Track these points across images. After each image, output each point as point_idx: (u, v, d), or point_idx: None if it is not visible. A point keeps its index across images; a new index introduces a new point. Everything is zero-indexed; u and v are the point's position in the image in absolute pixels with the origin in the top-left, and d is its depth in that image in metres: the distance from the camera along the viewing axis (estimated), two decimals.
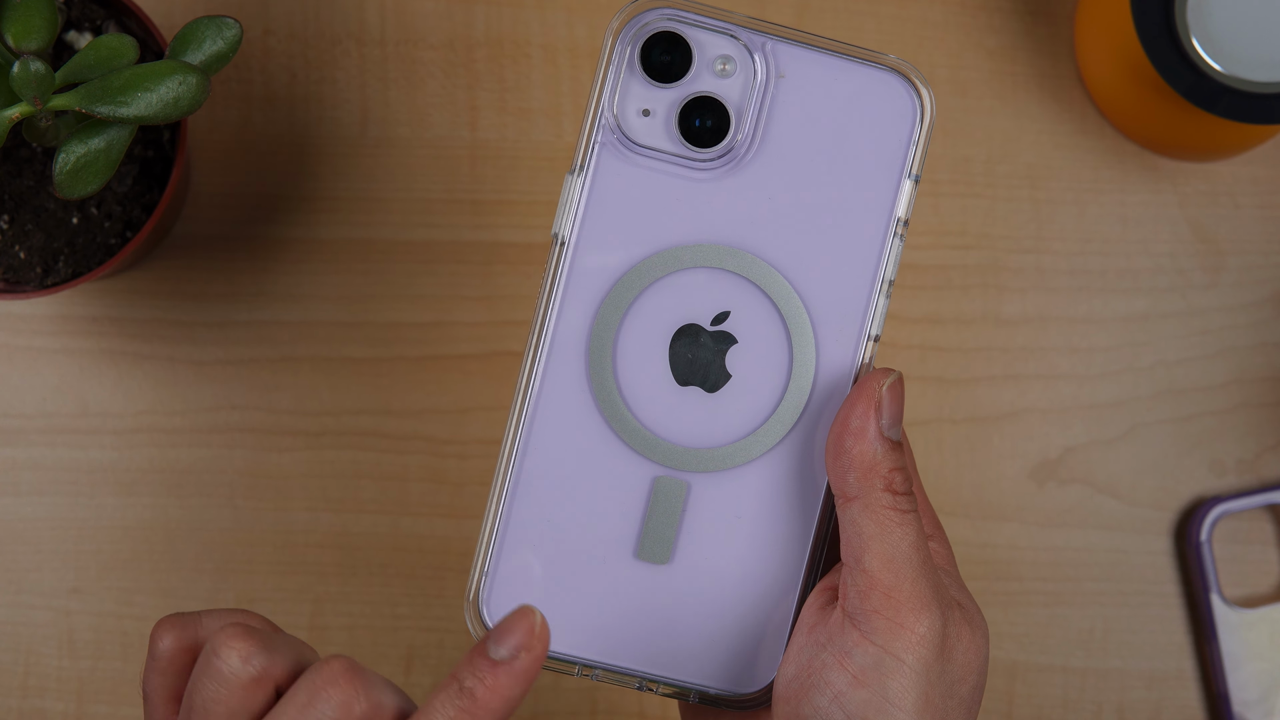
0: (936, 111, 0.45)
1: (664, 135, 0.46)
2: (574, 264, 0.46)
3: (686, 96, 0.46)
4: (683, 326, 0.46)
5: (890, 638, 0.43)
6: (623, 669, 0.47)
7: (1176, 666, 0.67)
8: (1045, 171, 0.67)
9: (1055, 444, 0.67)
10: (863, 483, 0.44)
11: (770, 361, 0.46)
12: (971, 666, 0.45)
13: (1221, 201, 0.67)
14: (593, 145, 0.46)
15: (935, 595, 0.44)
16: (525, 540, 0.46)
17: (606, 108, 0.45)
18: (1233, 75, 0.59)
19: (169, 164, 0.60)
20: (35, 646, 0.66)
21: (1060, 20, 0.67)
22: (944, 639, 0.44)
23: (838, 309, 0.46)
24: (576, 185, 0.46)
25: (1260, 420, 0.67)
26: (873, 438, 0.44)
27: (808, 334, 0.46)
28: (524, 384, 0.46)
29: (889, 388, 0.45)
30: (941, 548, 0.48)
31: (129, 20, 0.60)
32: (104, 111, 0.52)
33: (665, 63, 0.45)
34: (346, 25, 0.66)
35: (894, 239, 0.46)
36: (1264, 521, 0.67)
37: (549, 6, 0.66)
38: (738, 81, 0.46)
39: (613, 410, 0.46)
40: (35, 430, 0.66)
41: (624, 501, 0.46)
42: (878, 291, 0.46)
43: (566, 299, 0.46)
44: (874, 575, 0.44)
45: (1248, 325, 0.67)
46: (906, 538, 0.44)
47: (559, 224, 0.46)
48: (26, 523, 0.66)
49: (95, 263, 0.60)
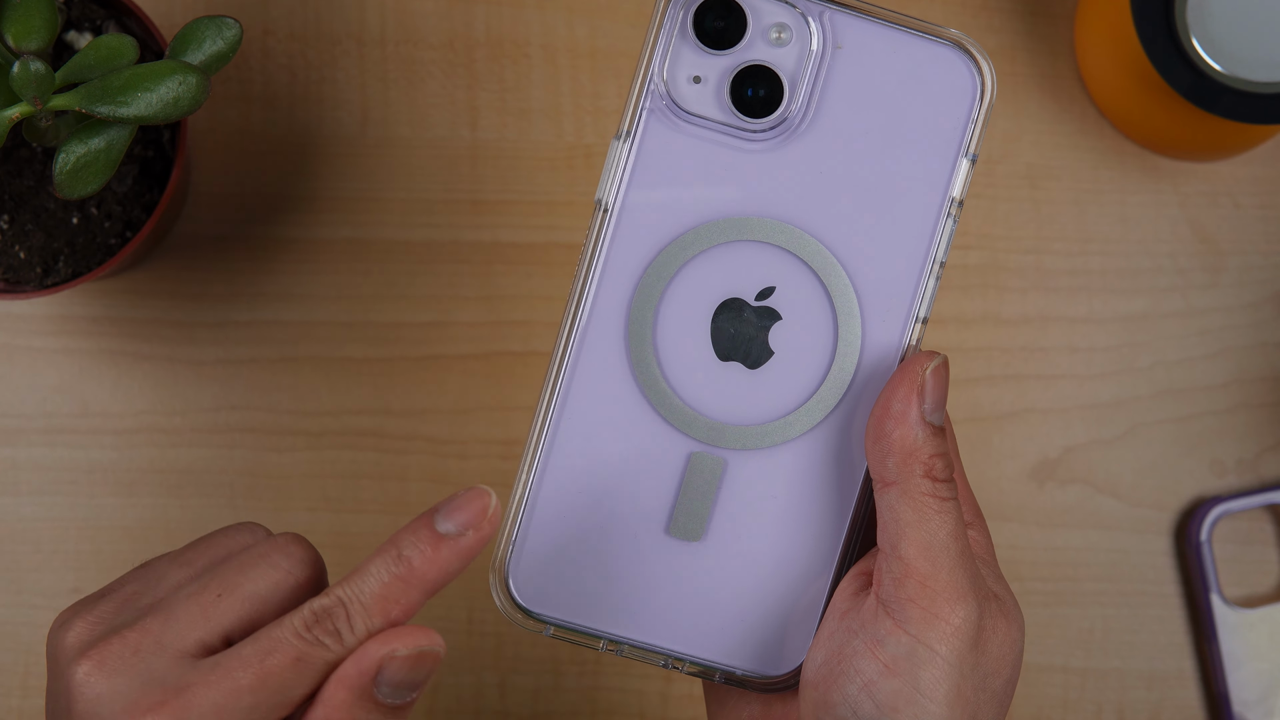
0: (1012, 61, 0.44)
1: (714, 104, 0.44)
2: (617, 231, 0.45)
3: (739, 64, 0.44)
4: (726, 300, 0.45)
5: (924, 627, 0.42)
6: (649, 645, 0.46)
7: (1176, 666, 0.67)
8: (1045, 171, 0.67)
9: (1055, 444, 0.67)
10: (902, 468, 0.43)
11: (814, 340, 0.45)
12: (1006, 660, 0.44)
13: (1222, 201, 0.67)
14: (641, 111, 0.44)
15: (972, 585, 0.43)
16: (555, 511, 0.45)
17: (656, 73, 0.44)
18: (1233, 75, 0.59)
19: (169, 164, 0.60)
20: (35, 646, 0.66)
21: (1060, 20, 0.67)
22: (979, 630, 0.43)
23: (886, 289, 0.45)
24: (623, 151, 0.44)
25: (1260, 420, 0.67)
26: (914, 422, 0.43)
27: (854, 313, 0.45)
28: (560, 351, 0.45)
29: (933, 371, 0.44)
30: (981, 536, 0.47)
31: (129, 20, 0.60)
32: (104, 111, 0.52)
33: (719, 28, 0.44)
34: (346, 25, 0.66)
35: (947, 219, 0.45)
36: (1264, 521, 0.67)
37: (549, 6, 0.66)
38: (793, 51, 0.44)
39: (651, 383, 0.45)
40: (35, 430, 0.66)
41: (658, 476, 0.45)
42: (928, 273, 0.45)
43: (608, 267, 0.45)
44: (910, 563, 0.43)
45: (1248, 325, 0.67)
46: (945, 526, 0.43)
47: (603, 189, 0.44)
48: (26, 523, 0.66)
49: (95, 263, 0.60)
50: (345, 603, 0.42)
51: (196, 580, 0.43)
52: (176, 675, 0.41)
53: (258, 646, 0.41)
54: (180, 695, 0.41)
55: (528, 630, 0.46)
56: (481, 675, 0.66)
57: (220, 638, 0.42)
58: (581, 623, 0.46)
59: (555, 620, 0.46)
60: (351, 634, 0.41)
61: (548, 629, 0.46)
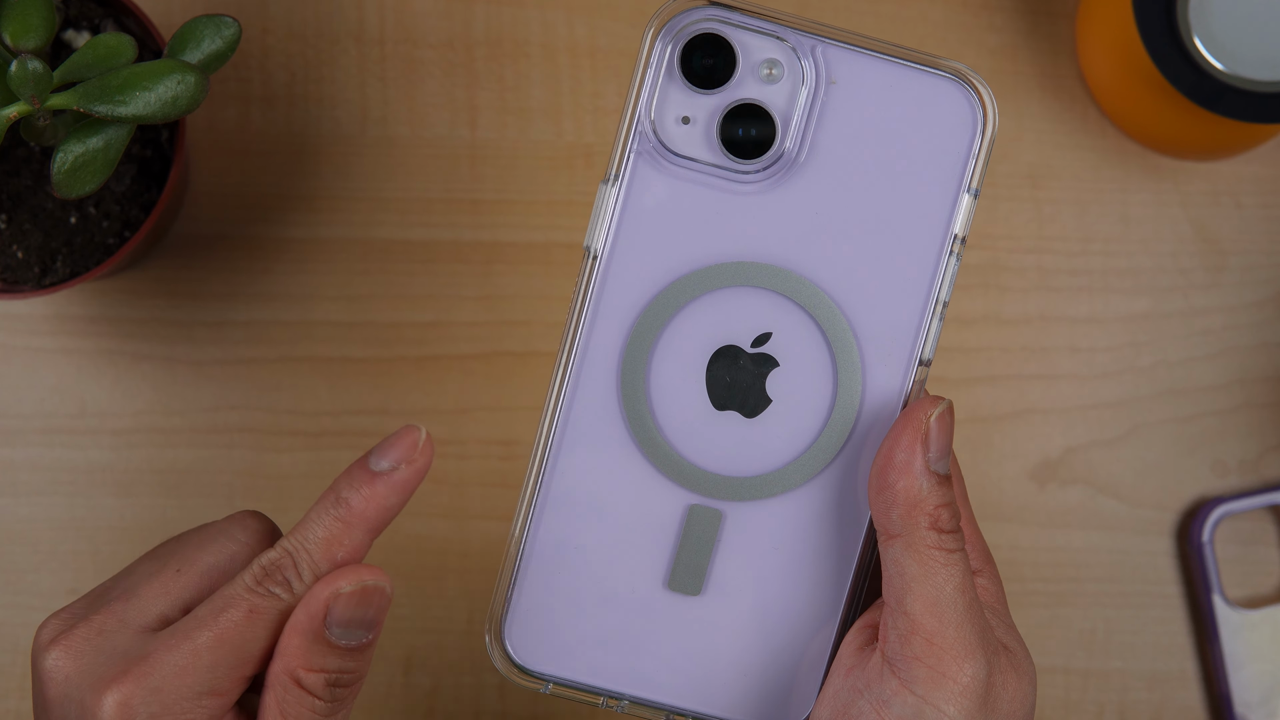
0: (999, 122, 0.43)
1: (704, 145, 0.43)
2: (607, 279, 0.43)
3: (729, 103, 0.43)
4: (721, 348, 0.44)
5: (931, 687, 0.41)
6: (649, 701, 0.45)
7: (1178, 667, 0.67)
8: (1046, 171, 0.67)
9: (1056, 444, 0.67)
10: (907, 520, 0.42)
11: (813, 386, 0.44)
12: (1016, 716, 0.43)
13: (1223, 201, 0.67)
14: (628, 154, 0.43)
15: (980, 641, 0.42)
16: (551, 567, 0.44)
17: (644, 114, 0.43)
18: (1235, 74, 0.59)
19: (167, 163, 0.60)
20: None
21: (1061, 19, 0.67)
22: (988, 688, 0.42)
23: (887, 331, 0.43)
24: (610, 195, 0.43)
25: (1262, 420, 0.67)
26: (919, 472, 0.42)
27: (854, 357, 0.44)
28: (552, 402, 0.44)
29: (938, 418, 0.42)
30: (990, 584, 0.46)
31: (127, 19, 0.60)
32: (102, 110, 0.52)
33: (707, 67, 0.43)
34: (346, 24, 0.66)
35: (950, 257, 0.43)
36: (1266, 522, 0.67)
37: (549, 6, 0.66)
38: (785, 87, 0.43)
39: (645, 434, 0.44)
40: (33, 430, 0.66)
41: (656, 530, 0.44)
42: (930, 313, 0.43)
43: (599, 315, 0.44)
44: (916, 619, 0.41)
45: (1250, 325, 0.67)
46: (952, 580, 0.42)
47: (591, 236, 0.43)
48: (24, 523, 0.66)
49: (93, 262, 0.59)
50: (291, 552, 0.43)
51: (156, 560, 0.45)
52: (138, 646, 0.43)
53: (212, 607, 0.43)
54: (142, 663, 0.42)
55: (525, 689, 0.45)
56: (481, 676, 0.65)
57: (180, 610, 0.44)
58: (580, 679, 0.45)
59: (553, 677, 0.45)
60: (300, 581, 0.43)
61: (546, 686, 0.45)
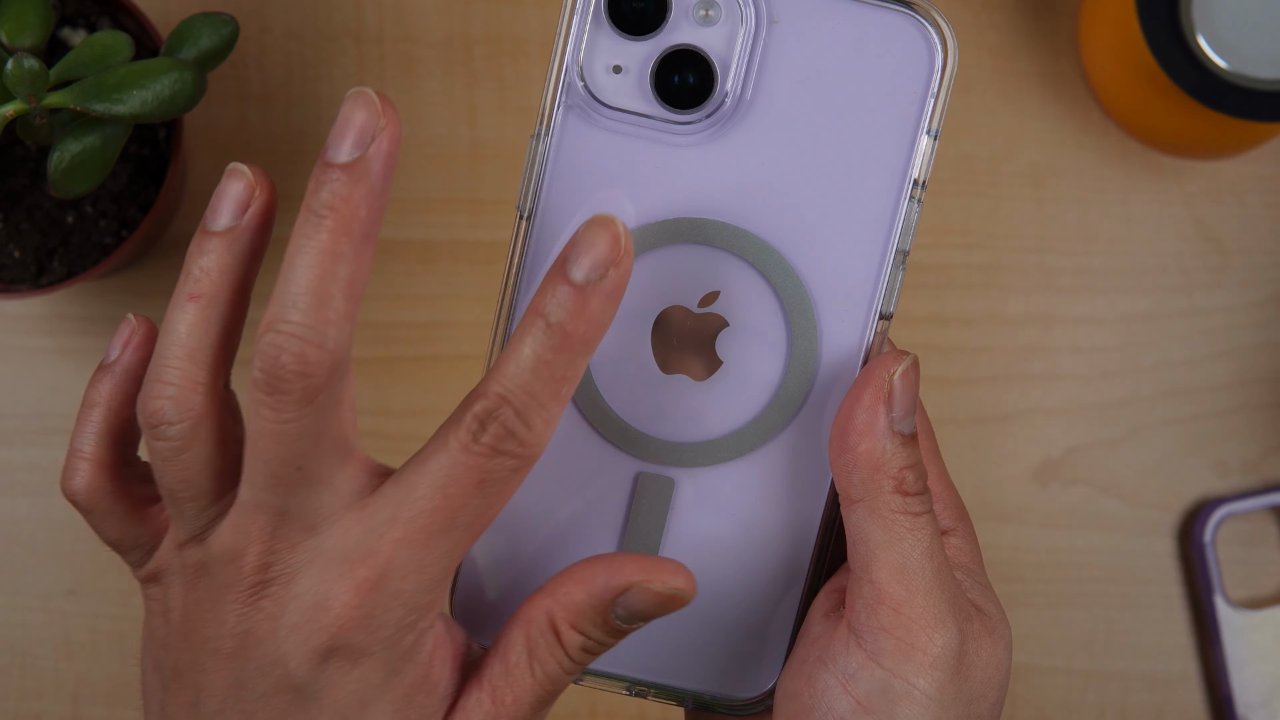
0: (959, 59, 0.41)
1: (638, 94, 0.40)
2: (539, 241, 0.40)
3: (663, 49, 0.40)
4: (666, 309, 0.41)
5: (900, 660, 0.39)
6: (608, 673, 0.43)
7: (1180, 668, 0.66)
8: (1048, 170, 0.67)
9: (1058, 444, 0.66)
10: (869, 484, 0.40)
11: (766, 346, 0.41)
12: (992, 681, 0.41)
13: (1226, 200, 0.67)
14: (556, 106, 0.40)
15: (951, 607, 0.40)
16: (503, 543, 0.42)
17: (570, 64, 0.40)
18: (1238, 73, 0.59)
19: (165, 162, 0.60)
20: (31, 648, 0.65)
21: (1064, 17, 0.67)
22: (960, 656, 0.40)
23: (843, 285, 0.41)
24: (540, 152, 0.40)
25: (1265, 421, 0.67)
26: (881, 433, 0.39)
27: (808, 314, 0.41)
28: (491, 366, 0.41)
29: (901, 375, 0.40)
30: (964, 543, 0.43)
31: (124, 17, 0.60)
32: (99, 109, 0.52)
33: (637, 10, 0.40)
34: (344, 22, 0.66)
35: (909, 203, 0.40)
36: (1268, 523, 0.67)
37: (548, 4, 0.66)
38: (723, 30, 0.40)
39: (589, 402, 0.41)
40: (31, 431, 0.65)
41: (605, 500, 0.42)
42: (889, 263, 0.41)
43: (532, 281, 0.41)
44: (882, 588, 0.39)
45: (1252, 325, 0.67)
46: (919, 545, 0.39)
47: (522, 196, 0.40)
48: (22, 524, 0.65)
49: (90, 262, 0.59)
50: (507, 396, 0.36)
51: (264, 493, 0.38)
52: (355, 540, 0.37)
53: (429, 480, 0.37)
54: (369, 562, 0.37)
55: None
56: None
57: None
58: None
59: None
60: (528, 429, 0.36)
61: None
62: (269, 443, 0.37)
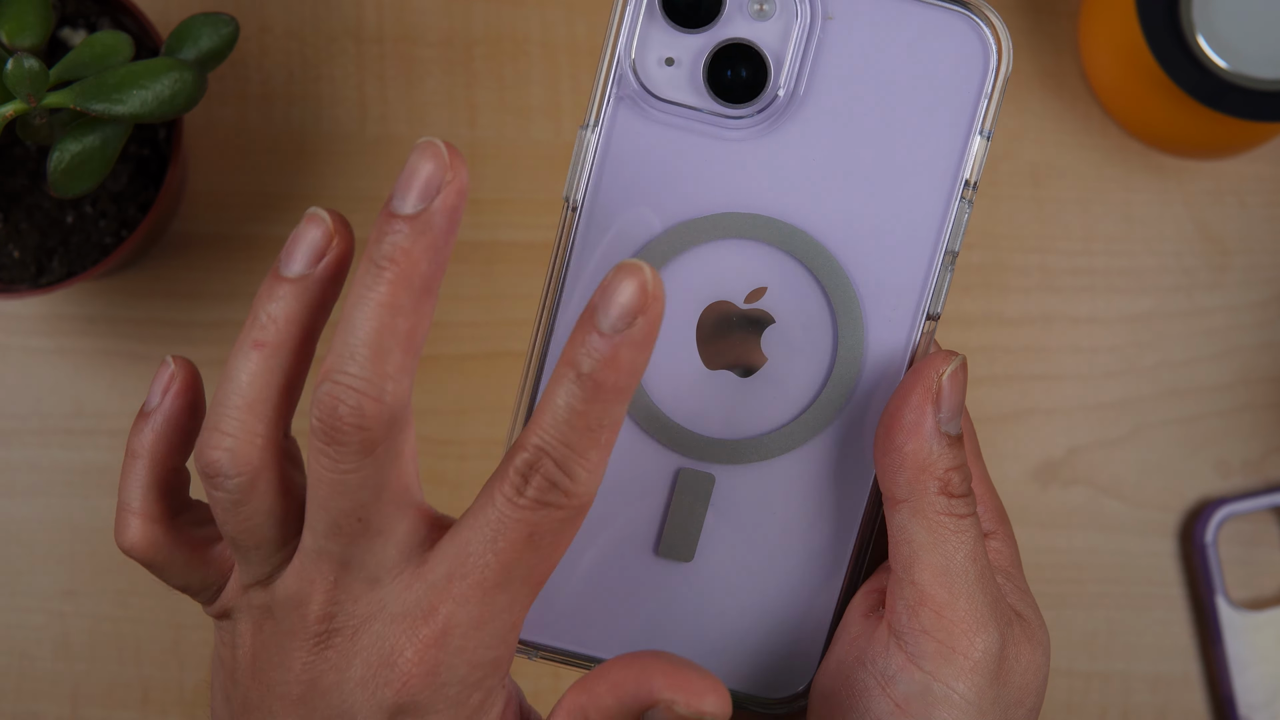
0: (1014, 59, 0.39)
1: (690, 88, 0.40)
2: (587, 232, 0.40)
3: (717, 43, 0.40)
4: (712, 304, 0.41)
5: (940, 663, 0.39)
6: None
7: (1182, 669, 0.66)
8: (1049, 170, 0.67)
9: (1059, 444, 0.66)
10: (915, 484, 0.39)
11: (812, 344, 0.41)
12: (1030, 688, 0.41)
13: (1227, 200, 0.67)
14: (608, 98, 0.40)
15: (993, 611, 0.40)
16: None
17: (623, 56, 0.40)
18: (1238, 72, 0.59)
19: (165, 162, 0.60)
20: (29, 649, 0.65)
21: (1064, 17, 0.67)
22: (1000, 661, 0.40)
23: (891, 284, 0.41)
24: (590, 142, 0.40)
25: (1266, 421, 0.67)
26: (928, 434, 0.39)
27: (855, 312, 0.41)
28: (533, 364, 0.41)
29: (950, 376, 0.39)
30: (1004, 546, 0.43)
31: (124, 17, 0.60)
32: (99, 109, 0.52)
33: (691, 4, 0.40)
34: (344, 22, 0.66)
35: (960, 203, 0.40)
36: (1270, 523, 0.67)
37: (548, 4, 0.66)
38: (777, 24, 0.40)
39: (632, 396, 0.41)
40: (29, 431, 0.65)
41: (645, 495, 0.42)
42: (938, 263, 0.41)
43: (579, 271, 0.41)
44: (924, 590, 0.39)
45: (1253, 325, 0.67)
46: (962, 547, 0.39)
47: (570, 186, 0.40)
48: (20, 524, 0.65)
49: (90, 262, 0.59)
50: (545, 449, 0.36)
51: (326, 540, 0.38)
52: (417, 597, 0.37)
53: (480, 535, 0.37)
54: (430, 621, 0.37)
55: None
56: None
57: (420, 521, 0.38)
58: (567, 646, 0.43)
59: (542, 644, 0.43)
60: (571, 480, 0.36)
61: (533, 654, 0.43)
62: (329, 491, 0.37)
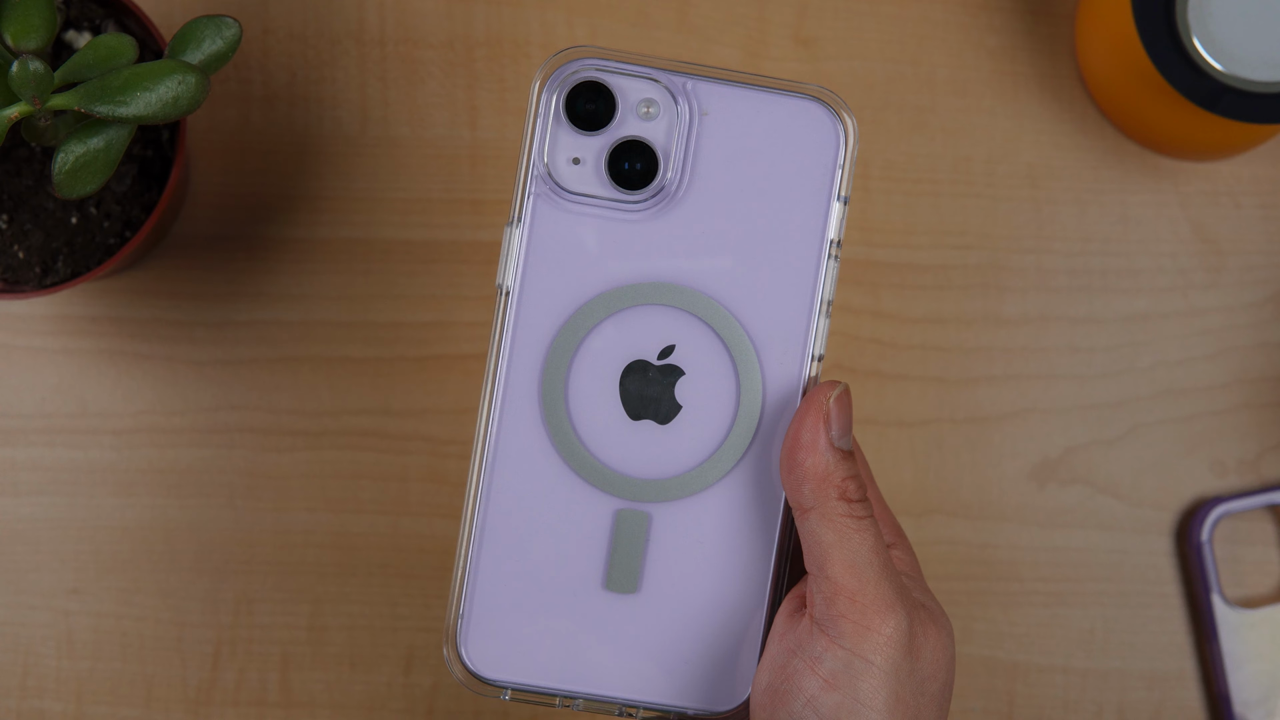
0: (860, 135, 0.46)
1: (595, 181, 0.47)
2: (520, 312, 0.47)
3: (614, 142, 0.47)
4: (631, 363, 0.47)
5: (858, 640, 0.44)
6: (602, 697, 0.48)
7: (1177, 667, 0.67)
8: (1046, 171, 0.67)
9: (1056, 444, 0.67)
10: (818, 493, 0.45)
11: (718, 389, 0.47)
12: (940, 664, 0.46)
13: (1222, 201, 0.67)
14: (527, 196, 0.47)
15: (899, 596, 0.45)
16: (497, 580, 0.47)
17: (537, 159, 0.46)
18: (1233, 75, 0.59)
19: (168, 163, 0.60)
20: (34, 647, 0.65)
21: (1061, 20, 0.67)
22: (910, 638, 0.45)
23: (780, 333, 0.47)
24: (515, 236, 0.47)
25: (1261, 420, 0.67)
26: (824, 449, 0.45)
27: (752, 360, 0.47)
28: (482, 431, 0.47)
29: (836, 399, 0.46)
30: (905, 554, 0.49)
31: (128, 20, 0.60)
32: (103, 111, 0.52)
33: (590, 111, 0.47)
34: (346, 25, 0.66)
35: (829, 260, 0.47)
36: (1265, 522, 0.67)
37: (549, 6, 0.66)
38: (662, 123, 0.47)
39: (569, 449, 0.47)
40: (34, 430, 0.66)
41: (589, 536, 0.47)
42: (817, 312, 0.47)
43: (515, 347, 0.47)
44: (837, 581, 0.45)
45: (1249, 325, 0.67)
46: (865, 542, 0.45)
47: (502, 275, 0.47)
48: (26, 523, 0.66)
49: (94, 262, 0.60)
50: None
51: None
52: None
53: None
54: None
55: (486, 697, 0.47)
56: None
57: None
58: (535, 683, 0.48)
59: (510, 684, 0.48)
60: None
61: (505, 693, 0.48)
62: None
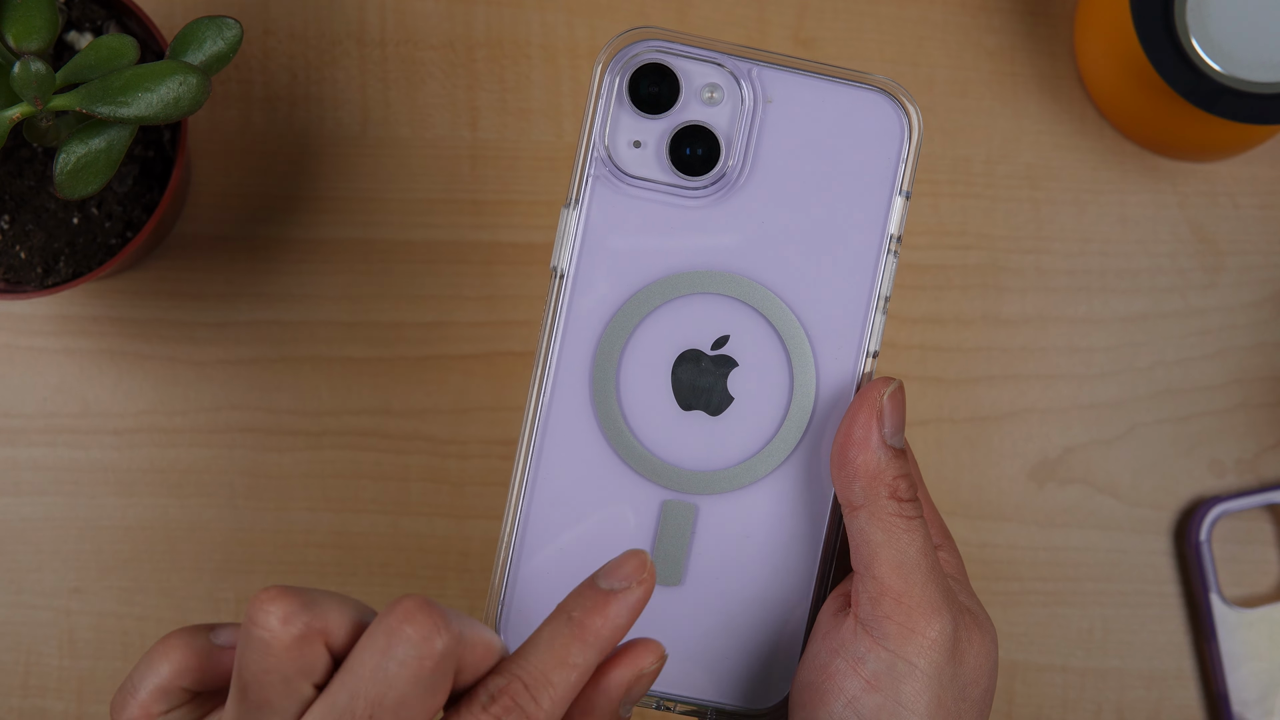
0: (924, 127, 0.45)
1: (656, 165, 0.46)
2: (574, 297, 0.46)
3: (676, 126, 0.46)
4: (683, 352, 0.47)
5: (902, 642, 0.44)
6: None
7: (1176, 666, 0.67)
8: (1045, 172, 0.67)
9: (1055, 444, 0.67)
10: (868, 491, 0.44)
11: (771, 382, 0.47)
12: (983, 669, 0.45)
13: (1221, 202, 0.67)
14: (586, 178, 0.46)
15: (945, 599, 0.44)
16: (540, 569, 0.47)
17: (598, 141, 0.46)
18: (1232, 75, 0.59)
19: (169, 164, 0.60)
20: (36, 646, 0.66)
21: (1060, 20, 0.67)
22: (955, 642, 0.44)
23: (835, 328, 0.46)
24: (572, 219, 0.46)
25: (1260, 420, 0.67)
26: (876, 446, 0.45)
27: (806, 354, 0.46)
28: (531, 414, 0.46)
29: (890, 396, 0.45)
30: (951, 557, 0.48)
31: (129, 20, 0.60)
32: (104, 112, 0.52)
33: (653, 94, 0.46)
34: (347, 25, 0.66)
35: (888, 255, 0.46)
36: (1263, 521, 0.67)
37: (549, 7, 0.66)
38: (726, 109, 0.46)
39: (619, 438, 0.47)
40: (36, 430, 0.66)
41: (634, 526, 0.47)
42: (874, 308, 0.46)
43: (568, 331, 0.46)
44: (884, 581, 0.44)
45: (1247, 325, 0.67)
46: (914, 543, 0.44)
47: (557, 258, 0.46)
48: (27, 523, 0.66)
49: (96, 263, 0.60)
50: (520, 676, 0.41)
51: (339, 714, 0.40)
52: None
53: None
54: None
55: None
56: None
57: None
58: None
59: None
60: (536, 705, 0.40)
61: None
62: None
